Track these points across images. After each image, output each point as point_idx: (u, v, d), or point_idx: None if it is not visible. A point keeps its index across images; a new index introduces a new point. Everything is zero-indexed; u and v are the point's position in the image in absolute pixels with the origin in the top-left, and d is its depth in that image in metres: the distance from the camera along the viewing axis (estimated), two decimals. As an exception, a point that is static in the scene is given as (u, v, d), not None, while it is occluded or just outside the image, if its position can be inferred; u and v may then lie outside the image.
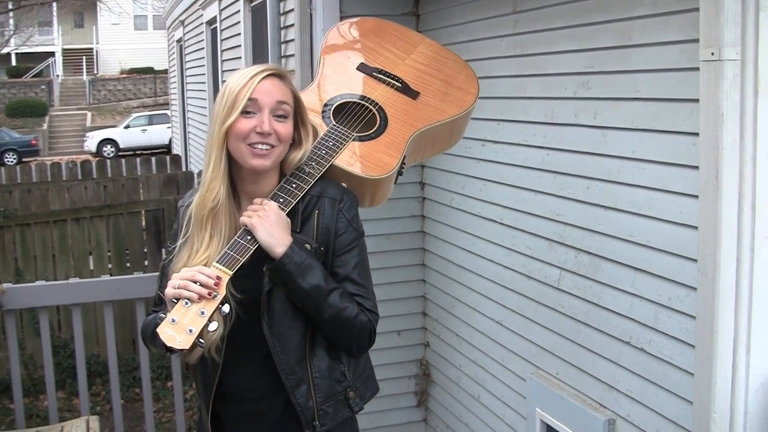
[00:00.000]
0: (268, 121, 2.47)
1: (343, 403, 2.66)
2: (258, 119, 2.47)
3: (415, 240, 5.11)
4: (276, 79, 2.53)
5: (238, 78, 2.51)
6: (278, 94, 2.51)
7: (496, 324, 4.25)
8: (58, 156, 30.33)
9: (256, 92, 2.47)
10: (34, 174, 13.56)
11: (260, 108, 2.48)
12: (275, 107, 2.50)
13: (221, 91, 2.52)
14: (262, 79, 2.49)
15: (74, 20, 45.75)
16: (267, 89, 2.49)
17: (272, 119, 2.49)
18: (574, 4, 3.43)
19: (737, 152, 2.50)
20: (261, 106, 2.48)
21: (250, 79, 2.48)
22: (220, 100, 2.50)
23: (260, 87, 2.48)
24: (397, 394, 5.17)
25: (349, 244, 2.60)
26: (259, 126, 2.46)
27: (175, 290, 2.32)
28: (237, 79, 2.50)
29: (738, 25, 2.45)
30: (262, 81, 2.49)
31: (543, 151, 3.73)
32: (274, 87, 2.51)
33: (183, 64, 14.96)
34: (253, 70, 2.52)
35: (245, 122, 2.47)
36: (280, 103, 2.50)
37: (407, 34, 3.45)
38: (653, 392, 3.09)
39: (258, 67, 2.54)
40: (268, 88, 2.49)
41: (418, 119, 3.01)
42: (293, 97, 2.57)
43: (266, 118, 2.47)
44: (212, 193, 2.50)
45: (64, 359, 7.31)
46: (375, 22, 3.49)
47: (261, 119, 2.47)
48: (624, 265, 3.21)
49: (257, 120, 2.47)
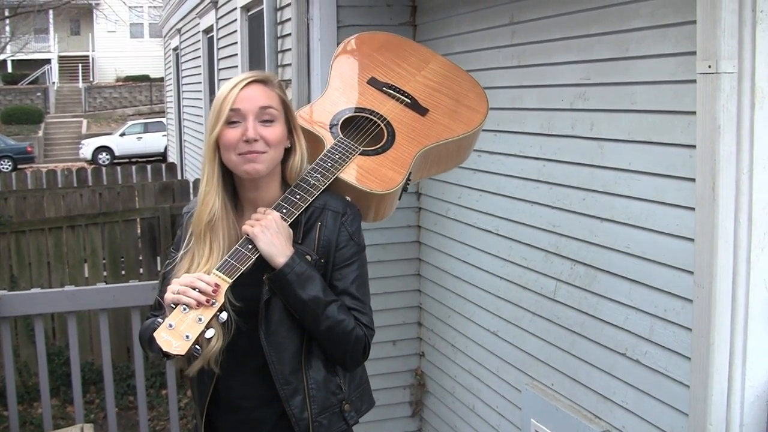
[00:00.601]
0: (253, 127, 2.47)
1: (339, 415, 2.65)
2: (243, 127, 2.47)
3: (411, 250, 5.11)
4: (258, 85, 2.53)
5: (223, 88, 2.51)
6: (261, 99, 2.50)
7: (492, 334, 4.25)
8: (54, 163, 30.33)
9: (237, 101, 2.47)
10: (29, 181, 13.55)
11: (244, 116, 2.48)
12: (259, 113, 2.49)
13: (213, 103, 2.54)
14: (243, 87, 2.49)
15: (70, 28, 45.73)
16: (249, 96, 2.49)
17: (258, 125, 2.48)
18: (572, 15, 3.43)
19: (734, 164, 2.51)
20: (245, 114, 2.48)
21: (231, 89, 2.49)
22: (210, 112, 2.52)
23: (242, 95, 2.48)
24: (392, 404, 5.17)
25: (349, 257, 2.60)
26: (245, 133, 2.46)
27: (174, 296, 2.32)
28: (222, 89, 2.51)
29: (735, 38, 2.46)
30: (244, 89, 2.49)
31: (539, 162, 3.73)
32: (256, 93, 2.51)
33: (179, 72, 14.97)
34: (235, 80, 2.52)
35: (231, 132, 2.47)
36: (263, 108, 2.50)
37: (419, 50, 3.45)
38: (648, 404, 3.09)
39: (241, 75, 2.54)
40: (249, 95, 2.49)
41: (425, 136, 3.01)
42: (280, 101, 2.56)
43: (251, 125, 2.47)
44: (207, 207, 2.50)
45: (58, 367, 7.30)
46: (386, 37, 3.49)
47: (245, 126, 2.47)
48: (620, 276, 3.21)
49: (242, 128, 2.47)
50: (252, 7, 7.45)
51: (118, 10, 35.94)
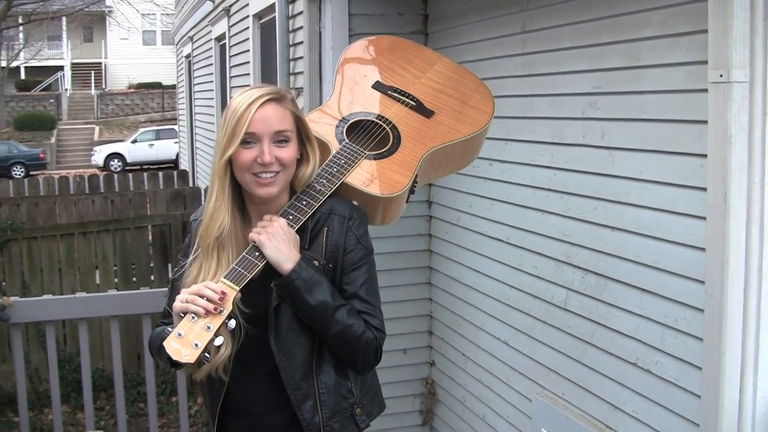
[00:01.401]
0: (269, 151, 2.46)
1: (350, 419, 2.65)
2: (258, 149, 2.46)
3: (422, 259, 5.11)
4: (273, 105, 2.50)
5: (236, 105, 2.48)
6: (275, 121, 2.49)
7: (502, 343, 4.25)
8: (66, 170, 30.39)
9: (253, 124, 2.45)
10: (41, 187, 13.56)
11: (259, 138, 2.47)
12: (274, 135, 2.48)
13: (223, 116, 2.51)
14: (258, 108, 2.46)
15: (83, 35, 45.95)
16: (264, 118, 2.47)
17: (273, 146, 2.48)
18: (583, 24, 3.43)
19: (745, 174, 2.50)
20: (260, 137, 2.46)
21: (246, 108, 2.45)
22: (221, 127, 2.49)
23: (257, 117, 2.45)
24: (403, 412, 5.16)
25: (357, 261, 2.60)
26: (260, 157, 2.45)
27: (183, 304, 2.32)
28: (235, 106, 2.48)
29: (747, 47, 2.46)
30: (259, 109, 2.46)
31: (550, 171, 3.73)
32: (271, 114, 2.48)
33: (191, 79, 15.00)
34: (249, 97, 2.48)
35: (246, 153, 2.46)
36: (279, 132, 2.49)
37: (424, 52, 3.45)
38: (659, 414, 3.08)
39: (255, 92, 2.50)
40: (265, 117, 2.47)
41: (431, 138, 3.01)
42: (293, 118, 2.55)
43: (266, 148, 2.46)
44: (216, 223, 2.50)
45: (68, 373, 7.31)
46: (392, 40, 3.49)
47: (261, 149, 2.46)
48: (631, 286, 3.20)
49: (257, 150, 2.46)
50: (264, 15, 7.46)
51: (131, 18, 36.14)
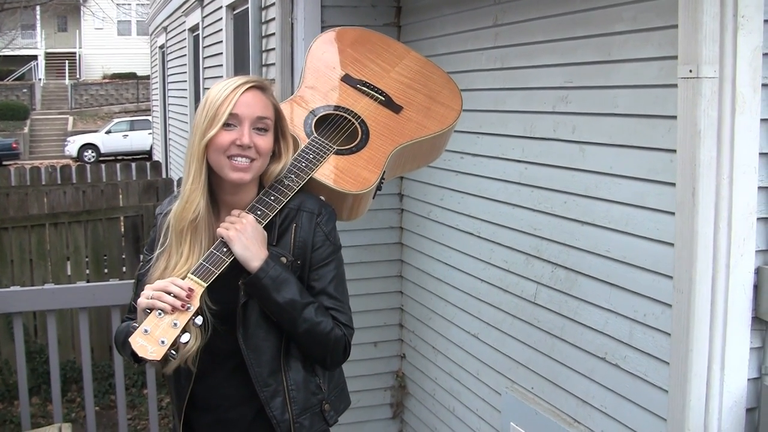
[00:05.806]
0: (248, 135, 2.46)
1: (319, 415, 2.64)
2: (238, 132, 2.46)
3: (393, 251, 5.10)
4: (258, 92, 2.52)
5: (219, 90, 2.49)
6: (259, 107, 2.50)
7: (472, 337, 4.25)
8: (39, 160, 30.17)
9: (237, 106, 2.46)
10: (12, 178, 13.48)
11: (241, 121, 2.47)
12: (255, 121, 2.49)
13: (202, 102, 2.51)
14: (243, 92, 2.48)
15: (58, 24, 45.58)
16: (248, 102, 2.48)
17: (252, 132, 2.48)
18: (556, 18, 3.43)
19: (714, 170, 2.51)
20: (242, 120, 2.47)
21: (231, 91, 2.47)
22: (201, 111, 2.48)
23: (242, 100, 2.47)
24: (373, 405, 5.16)
25: (325, 258, 2.59)
26: (239, 139, 2.45)
27: (149, 301, 2.31)
28: (218, 91, 2.49)
29: (716, 43, 2.46)
30: (244, 94, 2.48)
31: (521, 164, 3.72)
32: (255, 100, 2.50)
33: (165, 70, 14.92)
34: (235, 82, 2.50)
35: (225, 135, 2.46)
36: (260, 118, 2.49)
37: (392, 45, 3.43)
38: (627, 408, 3.08)
39: (240, 79, 2.52)
40: (249, 101, 2.48)
41: (399, 134, 2.99)
42: (274, 110, 2.56)
43: (246, 131, 2.46)
44: (192, 205, 2.48)
45: (40, 365, 7.25)
46: (359, 32, 3.47)
47: (241, 132, 2.46)
48: (600, 280, 3.21)
49: (237, 133, 2.46)
50: (237, 6, 7.43)
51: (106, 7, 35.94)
